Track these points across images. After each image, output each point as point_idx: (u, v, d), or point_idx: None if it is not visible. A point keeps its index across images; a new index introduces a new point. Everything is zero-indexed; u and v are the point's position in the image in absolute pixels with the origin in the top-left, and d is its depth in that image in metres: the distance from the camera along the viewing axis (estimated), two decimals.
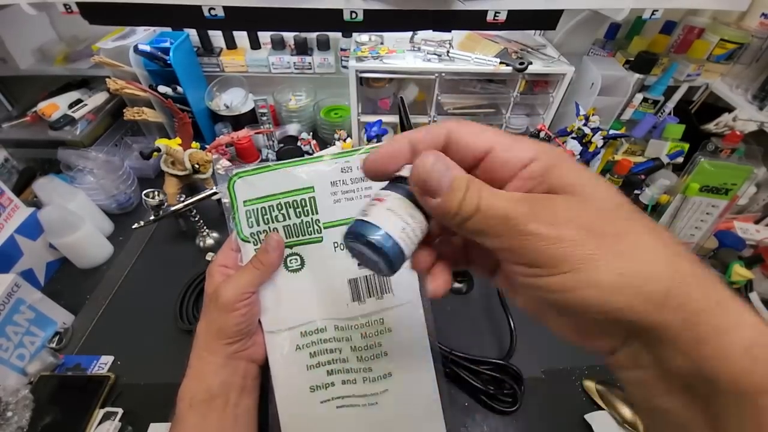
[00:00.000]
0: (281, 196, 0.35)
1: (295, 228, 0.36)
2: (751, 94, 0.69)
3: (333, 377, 0.38)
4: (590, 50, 0.79)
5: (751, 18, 0.72)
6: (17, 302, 0.45)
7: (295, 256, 0.36)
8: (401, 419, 0.39)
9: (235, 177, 0.35)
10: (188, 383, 0.34)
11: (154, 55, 0.66)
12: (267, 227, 0.35)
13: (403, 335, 0.38)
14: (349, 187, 0.35)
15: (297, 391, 0.38)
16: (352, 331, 0.37)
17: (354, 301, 0.37)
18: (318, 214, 0.35)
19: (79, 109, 0.70)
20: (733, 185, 0.54)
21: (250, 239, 0.36)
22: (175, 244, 0.63)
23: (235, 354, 0.35)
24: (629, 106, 0.75)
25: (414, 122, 0.78)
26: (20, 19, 0.70)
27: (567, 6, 0.56)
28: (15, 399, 0.42)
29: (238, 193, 0.35)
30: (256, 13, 0.53)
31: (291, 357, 0.37)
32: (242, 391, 0.36)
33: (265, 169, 0.35)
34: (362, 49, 0.70)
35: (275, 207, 0.35)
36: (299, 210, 0.35)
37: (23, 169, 0.71)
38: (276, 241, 0.35)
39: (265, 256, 0.35)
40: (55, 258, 0.59)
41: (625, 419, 0.43)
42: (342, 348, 0.37)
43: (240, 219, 0.36)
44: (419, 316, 0.38)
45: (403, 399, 0.39)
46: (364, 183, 0.35)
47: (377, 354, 0.38)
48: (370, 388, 0.38)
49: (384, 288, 0.37)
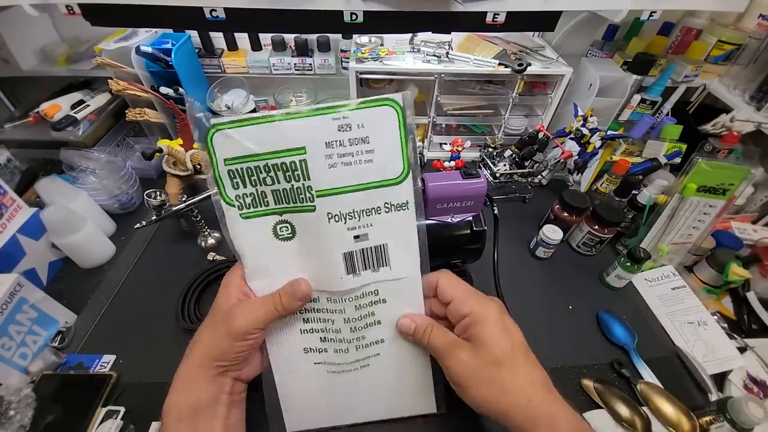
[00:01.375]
0: (268, 157, 0.31)
1: (285, 194, 0.32)
2: (749, 95, 0.69)
3: (326, 344, 0.38)
4: (588, 51, 0.80)
5: (749, 19, 0.72)
6: (20, 302, 0.45)
7: (285, 224, 0.33)
8: (391, 383, 0.40)
9: (213, 129, 0.30)
10: (176, 396, 0.33)
11: (156, 57, 0.67)
12: (255, 190, 0.32)
13: (398, 306, 0.37)
14: (347, 150, 0.31)
15: (291, 352, 0.37)
16: (345, 304, 0.36)
17: (348, 274, 0.35)
18: (310, 180, 0.31)
19: (82, 109, 0.71)
20: (731, 185, 0.54)
21: (236, 203, 0.33)
22: (177, 244, 0.64)
23: (226, 374, 0.35)
24: (627, 107, 0.75)
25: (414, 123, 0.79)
26: (22, 20, 0.71)
27: (565, 7, 0.56)
28: (17, 398, 0.42)
29: (217, 149, 0.31)
30: (256, 14, 0.54)
31: (284, 321, 0.36)
32: (230, 405, 0.35)
33: (249, 121, 0.30)
34: (362, 50, 0.71)
35: (262, 168, 0.31)
36: (289, 174, 0.31)
37: (26, 169, 0.71)
38: (304, 293, 0.34)
39: (289, 301, 0.34)
40: (58, 258, 0.59)
41: (623, 418, 0.43)
42: (335, 319, 0.36)
43: (222, 179, 0.32)
44: (417, 290, 0.37)
45: (394, 364, 0.39)
46: (364, 145, 0.31)
47: (370, 323, 0.37)
48: (363, 353, 0.38)
49: (382, 261, 0.35)
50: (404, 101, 0.31)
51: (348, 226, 0.33)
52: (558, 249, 0.62)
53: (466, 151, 0.76)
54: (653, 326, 0.54)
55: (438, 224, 0.50)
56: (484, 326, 0.33)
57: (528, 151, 0.71)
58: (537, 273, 0.61)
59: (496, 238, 0.52)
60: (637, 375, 0.48)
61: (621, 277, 0.57)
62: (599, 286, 0.60)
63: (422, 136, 0.82)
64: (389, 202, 0.33)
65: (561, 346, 0.51)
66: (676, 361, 0.51)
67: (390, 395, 0.41)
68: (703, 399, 0.46)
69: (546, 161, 0.74)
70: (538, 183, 0.77)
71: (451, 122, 0.81)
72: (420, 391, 0.40)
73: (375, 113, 0.31)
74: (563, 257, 0.64)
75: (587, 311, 0.55)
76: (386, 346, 0.38)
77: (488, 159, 0.76)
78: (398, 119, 0.32)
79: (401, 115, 0.31)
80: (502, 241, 0.52)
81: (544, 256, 0.63)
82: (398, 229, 0.34)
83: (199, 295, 0.55)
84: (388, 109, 0.31)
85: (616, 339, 0.52)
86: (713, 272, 0.59)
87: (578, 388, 0.47)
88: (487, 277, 0.54)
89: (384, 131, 0.32)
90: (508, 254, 0.61)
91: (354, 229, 0.33)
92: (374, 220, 0.33)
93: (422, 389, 0.40)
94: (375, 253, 0.34)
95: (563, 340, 0.52)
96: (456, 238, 0.51)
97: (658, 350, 0.51)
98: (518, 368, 0.32)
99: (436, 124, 0.79)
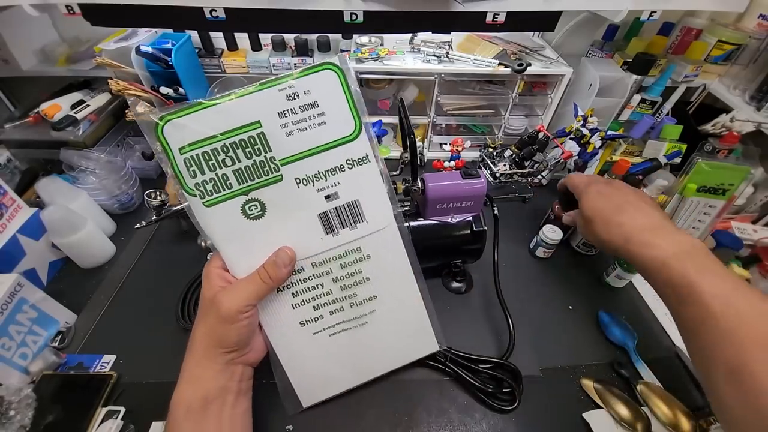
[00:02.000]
0: (223, 137, 0.31)
1: (248, 171, 0.33)
2: (749, 95, 0.69)
3: (320, 311, 0.38)
4: (588, 51, 0.80)
5: (749, 19, 0.72)
6: (20, 302, 0.45)
7: (253, 202, 0.34)
8: (391, 333, 0.41)
9: (162, 121, 0.31)
10: (184, 389, 0.33)
11: (156, 57, 0.66)
12: (215, 174, 0.32)
13: (383, 259, 0.38)
14: (300, 116, 0.32)
15: (287, 329, 0.38)
16: (330, 264, 0.37)
17: (328, 234, 0.36)
18: (272, 151, 0.32)
19: (82, 109, 0.71)
20: (731, 186, 0.54)
21: (196, 192, 0.33)
22: (177, 244, 0.64)
23: (233, 360, 0.35)
24: (627, 107, 0.75)
25: (414, 123, 0.79)
26: (22, 20, 0.71)
27: (565, 7, 0.56)
28: (18, 398, 0.42)
29: (170, 140, 0.31)
30: (256, 14, 0.54)
31: (274, 299, 0.37)
32: (239, 393, 0.35)
33: (197, 107, 0.31)
34: (362, 50, 0.71)
35: (220, 150, 0.32)
36: (249, 150, 0.32)
37: (26, 169, 0.71)
38: (288, 257, 0.34)
39: (275, 270, 0.34)
40: (58, 258, 0.59)
41: (623, 418, 0.43)
42: (324, 282, 0.37)
43: (180, 170, 0.32)
44: (396, 239, 0.38)
45: (391, 316, 0.41)
46: (314, 109, 0.32)
47: (359, 280, 0.38)
48: (358, 311, 0.39)
49: (357, 217, 0.36)
50: (341, 62, 0.33)
51: (317, 188, 0.35)
52: (558, 249, 0.62)
53: (466, 151, 0.76)
54: (653, 326, 0.54)
55: (438, 224, 0.50)
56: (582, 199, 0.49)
57: (528, 151, 0.71)
58: (537, 273, 0.61)
59: (496, 238, 0.52)
60: (637, 375, 0.48)
61: (621, 277, 0.57)
62: (599, 286, 0.60)
63: (422, 136, 0.82)
64: (350, 158, 0.35)
65: (561, 346, 0.51)
66: (676, 361, 0.51)
67: (393, 346, 0.43)
68: (703, 399, 0.46)
69: (546, 161, 0.74)
70: (538, 183, 0.77)
71: (451, 122, 0.81)
72: (420, 334, 0.43)
73: (318, 78, 0.32)
74: (563, 257, 0.64)
75: (587, 311, 0.55)
76: (379, 302, 0.40)
77: (488, 159, 0.76)
78: (340, 80, 0.33)
79: (342, 75, 0.33)
80: (502, 241, 0.52)
81: (544, 256, 0.63)
82: (365, 183, 0.36)
83: (199, 295, 0.55)
84: (329, 73, 0.32)
85: (616, 339, 0.52)
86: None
87: (578, 388, 0.47)
88: (487, 277, 0.54)
89: (330, 93, 0.33)
90: (508, 254, 0.61)
91: (323, 190, 0.35)
92: (340, 178, 0.35)
93: (422, 332, 0.43)
94: (349, 209, 0.36)
95: (563, 340, 0.52)
96: (456, 238, 0.52)
97: (658, 350, 0.51)
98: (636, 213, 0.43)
99: (436, 124, 0.79)
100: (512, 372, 0.46)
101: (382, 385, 0.46)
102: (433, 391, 0.46)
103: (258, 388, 0.40)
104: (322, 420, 0.43)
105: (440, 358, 0.46)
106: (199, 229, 0.34)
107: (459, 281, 0.57)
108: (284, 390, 0.40)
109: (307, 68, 0.32)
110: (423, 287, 0.41)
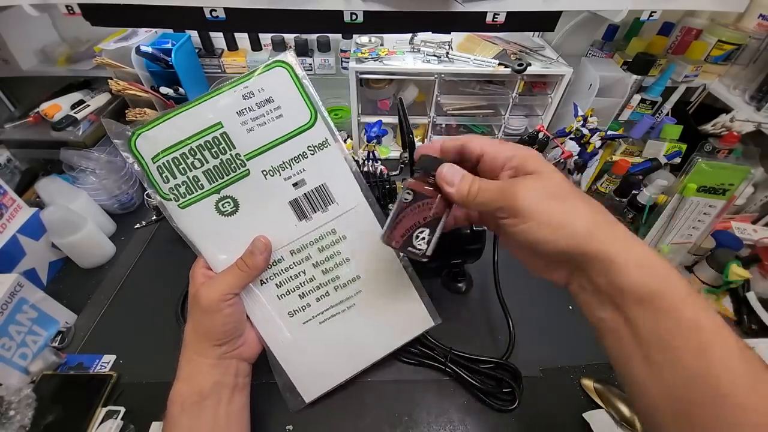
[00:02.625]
0: (190, 141, 0.34)
1: (217, 170, 0.35)
2: (749, 95, 0.69)
3: (306, 299, 0.39)
4: (588, 51, 0.80)
5: (749, 19, 0.72)
6: (20, 302, 0.45)
7: (226, 199, 0.35)
8: (381, 313, 0.42)
9: (134, 136, 0.33)
10: (179, 386, 0.34)
11: (156, 57, 0.67)
12: (186, 177, 0.34)
13: (358, 238, 0.39)
14: (257, 113, 0.34)
15: (277, 320, 0.39)
16: (308, 249, 0.38)
17: (301, 220, 0.37)
18: (236, 148, 0.34)
19: (82, 109, 0.71)
20: (731, 185, 0.54)
21: (171, 195, 0.34)
22: (177, 244, 0.63)
23: (225, 354, 0.35)
24: (627, 107, 0.75)
25: (413, 123, 0.79)
26: (22, 20, 0.70)
27: (565, 7, 0.56)
28: (18, 398, 0.42)
29: (142, 152, 0.34)
30: (256, 14, 0.54)
31: (259, 292, 0.38)
32: (234, 389, 0.36)
33: (162, 118, 0.33)
34: (362, 50, 0.71)
35: (188, 153, 0.34)
36: (215, 150, 0.34)
37: (26, 169, 0.71)
38: (263, 244, 0.35)
39: (251, 258, 0.35)
40: (58, 258, 0.59)
41: (623, 417, 0.43)
42: (305, 269, 0.39)
43: (154, 177, 0.34)
44: (369, 216, 0.39)
45: (378, 295, 0.41)
46: (270, 105, 0.34)
47: (339, 262, 0.39)
48: (343, 293, 0.40)
49: (327, 200, 0.38)
50: (290, 59, 0.35)
51: (284, 177, 0.36)
52: None
53: None
54: None
55: None
56: (536, 161, 0.28)
57: None
58: None
59: (496, 238, 0.52)
60: None
61: None
62: None
63: (422, 136, 0.82)
64: (311, 144, 0.36)
65: (561, 346, 0.51)
66: None
67: (385, 326, 0.43)
68: None
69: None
70: None
71: (451, 122, 0.81)
72: (412, 311, 0.43)
73: (270, 76, 0.35)
74: None
75: None
76: (363, 282, 0.41)
77: None
78: (290, 75, 0.35)
79: (291, 71, 0.35)
80: None
81: None
82: (329, 166, 0.37)
83: None
84: (279, 70, 0.35)
85: None
86: (713, 272, 0.59)
87: (578, 388, 0.47)
88: (487, 277, 0.54)
89: (282, 88, 0.35)
90: (508, 254, 0.61)
91: (290, 178, 0.36)
92: (304, 164, 0.36)
93: (413, 309, 0.43)
94: (318, 194, 0.37)
95: (563, 340, 0.52)
96: (456, 238, 0.51)
97: None
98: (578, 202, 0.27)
99: (436, 124, 0.79)
100: (512, 372, 0.46)
101: (382, 385, 0.46)
102: (433, 391, 0.46)
103: (258, 388, 0.40)
104: (322, 420, 0.43)
105: (440, 358, 0.46)
106: (179, 232, 0.36)
107: (459, 281, 0.57)
108: (284, 386, 0.41)
109: (259, 68, 0.34)
110: (407, 264, 0.41)
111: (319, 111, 0.36)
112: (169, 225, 0.36)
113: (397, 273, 0.42)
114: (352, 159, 0.38)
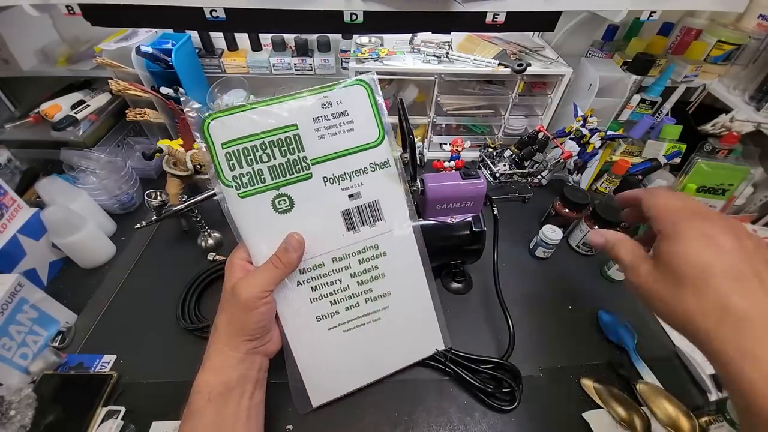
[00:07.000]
0: (263, 136, 0.35)
1: (282, 168, 0.36)
2: (749, 95, 0.69)
3: (336, 306, 0.40)
4: (588, 52, 0.80)
5: (749, 19, 0.72)
6: (20, 302, 0.45)
7: (283, 197, 0.36)
8: (402, 330, 0.44)
9: (209, 118, 0.34)
10: (206, 376, 0.35)
11: (156, 57, 0.67)
12: (251, 169, 0.35)
13: (398, 257, 0.41)
14: (331, 123, 0.36)
15: (304, 322, 0.40)
16: (350, 259, 0.39)
17: (349, 231, 0.39)
18: (304, 151, 0.36)
19: (82, 110, 0.71)
20: (730, 186, 0.54)
21: (233, 183, 0.35)
22: (177, 244, 0.64)
23: (253, 349, 0.36)
24: (627, 107, 0.75)
25: (414, 123, 0.79)
26: (22, 20, 0.71)
27: (565, 8, 0.56)
28: (18, 398, 0.43)
29: (214, 135, 0.34)
30: (257, 14, 0.54)
31: (293, 293, 0.38)
32: (256, 383, 0.37)
33: (241, 109, 0.34)
34: (362, 50, 0.71)
35: (258, 147, 0.35)
36: (285, 149, 0.35)
37: (26, 169, 0.71)
38: (297, 242, 0.36)
39: (285, 255, 0.35)
40: (58, 258, 0.59)
41: (622, 418, 0.43)
42: (342, 278, 0.40)
43: (220, 162, 0.34)
44: (411, 238, 0.41)
45: (403, 312, 0.43)
46: (345, 117, 0.36)
47: (375, 276, 0.41)
48: (372, 307, 0.42)
49: (376, 216, 0.39)
50: (370, 81, 0.37)
51: (342, 187, 0.38)
52: (558, 249, 0.62)
53: (466, 152, 0.76)
54: (653, 326, 0.54)
55: (438, 224, 0.50)
56: (671, 241, 0.28)
57: (528, 152, 0.71)
58: (537, 273, 0.61)
59: (495, 238, 0.52)
60: (637, 375, 0.48)
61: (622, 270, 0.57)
62: (599, 285, 0.60)
63: (422, 136, 0.82)
64: (373, 162, 0.38)
65: (561, 346, 0.51)
66: (676, 361, 0.51)
67: (403, 343, 0.44)
68: (702, 399, 0.46)
69: (546, 161, 0.74)
70: (538, 183, 0.77)
71: (451, 122, 0.81)
72: (429, 331, 0.45)
73: (350, 91, 0.37)
74: (563, 257, 0.64)
75: (587, 311, 0.56)
76: (393, 298, 0.42)
77: (488, 159, 0.76)
78: (368, 95, 0.37)
79: (370, 91, 0.37)
80: (502, 241, 0.53)
81: (544, 257, 0.63)
82: (385, 185, 0.39)
83: (199, 295, 0.55)
84: (359, 88, 0.37)
85: (616, 339, 0.52)
86: None
87: (578, 388, 0.47)
88: (487, 277, 0.55)
89: (359, 105, 0.37)
90: (508, 254, 0.62)
91: (347, 189, 0.38)
92: (363, 179, 0.38)
93: (431, 329, 0.45)
94: (369, 209, 0.39)
95: (563, 340, 0.52)
96: (456, 239, 0.52)
97: (658, 350, 0.51)
98: (706, 291, 0.25)
99: (436, 124, 0.79)
100: (512, 372, 0.46)
101: (382, 385, 0.46)
102: (433, 391, 0.46)
103: None
104: (322, 420, 0.43)
105: (440, 358, 0.46)
106: (229, 219, 0.36)
107: (459, 282, 0.57)
108: (295, 388, 0.41)
109: (341, 82, 0.36)
110: (433, 286, 0.43)
111: (387, 133, 0.38)
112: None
113: (425, 294, 0.43)
114: (407, 181, 0.40)
